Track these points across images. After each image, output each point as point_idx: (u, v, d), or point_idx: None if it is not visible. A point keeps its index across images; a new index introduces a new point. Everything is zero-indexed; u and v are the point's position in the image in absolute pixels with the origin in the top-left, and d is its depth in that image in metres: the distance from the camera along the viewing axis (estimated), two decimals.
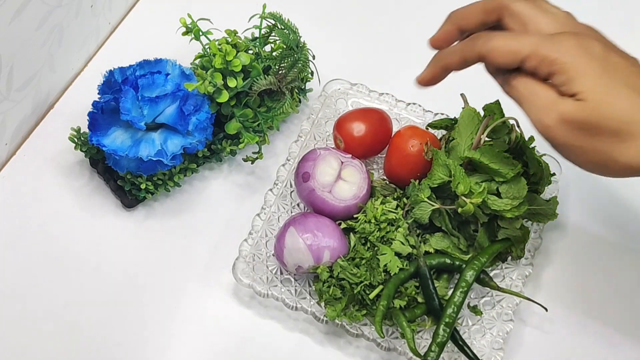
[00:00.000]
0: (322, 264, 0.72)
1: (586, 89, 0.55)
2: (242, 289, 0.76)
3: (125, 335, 0.74)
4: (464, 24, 0.63)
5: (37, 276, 0.76)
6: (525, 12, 0.60)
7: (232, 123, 0.79)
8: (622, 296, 0.77)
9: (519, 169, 0.70)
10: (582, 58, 0.56)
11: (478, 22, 0.63)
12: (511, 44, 0.58)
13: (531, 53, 0.57)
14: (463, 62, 0.61)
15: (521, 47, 0.57)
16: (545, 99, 0.57)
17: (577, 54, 0.56)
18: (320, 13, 0.96)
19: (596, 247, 0.80)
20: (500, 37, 0.59)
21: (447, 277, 0.74)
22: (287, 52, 0.80)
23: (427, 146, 0.74)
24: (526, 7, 0.60)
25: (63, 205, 0.80)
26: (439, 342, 0.68)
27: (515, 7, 0.60)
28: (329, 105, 0.84)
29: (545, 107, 0.56)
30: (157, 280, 0.77)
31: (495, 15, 0.62)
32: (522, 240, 0.74)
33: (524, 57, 0.57)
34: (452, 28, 0.64)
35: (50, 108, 0.87)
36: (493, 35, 0.59)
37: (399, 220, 0.73)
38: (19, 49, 0.76)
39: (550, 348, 0.74)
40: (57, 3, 0.79)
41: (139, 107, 0.75)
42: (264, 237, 0.76)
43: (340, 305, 0.71)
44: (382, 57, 0.92)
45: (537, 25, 0.59)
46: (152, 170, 0.76)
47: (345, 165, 0.76)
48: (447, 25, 0.64)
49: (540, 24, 0.59)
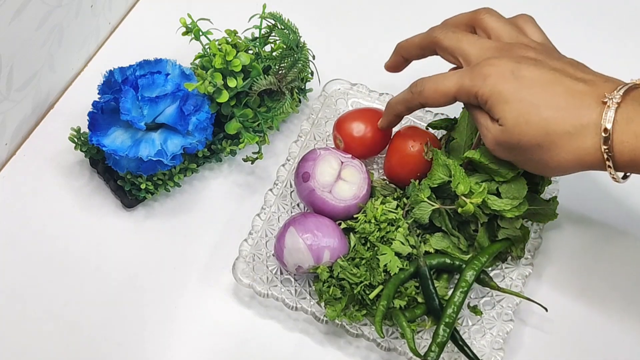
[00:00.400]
0: (322, 264, 0.72)
1: (504, 115, 0.61)
2: (242, 289, 0.76)
3: (125, 335, 0.74)
4: (405, 55, 0.74)
5: (37, 276, 0.76)
6: (453, 46, 0.67)
7: (232, 123, 0.79)
8: (622, 296, 0.77)
9: (519, 169, 0.70)
10: (497, 85, 0.62)
11: (416, 55, 0.73)
12: (439, 87, 0.66)
13: (456, 91, 0.65)
14: (409, 109, 0.71)
15: (447, 88, 0.65)
16: (483, 126, 0.64)
17: (493, 82, 0.62)
18: (320, 13, 0.96)
19: (596, 247, 0.80)
20: (429, 83, 0.67)
21: (447, 277, 0.74)
22: (287, 52, 0.80)
23: (427, 146, 0.74)
24: (454, 41, 0.67)
25: (63, 205, 0.80)
26: (439, 342, 0.68)
27: (444, 43, 0.68)
28: (329, 105, 0.84)
29: (484, 133, 0.65)
30: (157, 280, 0.77)
31: (430, 50, 0.71)
32: (522, 240, 0.74)
33: (453, 96, 0.65)
34: (398, 58, 0.75)
35: (50, 108, 0.87)
36: (425, 82, 0.67)
37: (399, 220, 0.73)
38: (19, 49, 0.76)
39: (550, 348, 0.74)
40: (57, 3, 0.79)
41: (139, 107, 0.75)
42: (264, 237, 0.76)
43: (340, 305, 0.71)
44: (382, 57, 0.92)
45: (466, 58, 0.66)
46: (152, 170, 0.76)
47: (345, 165, 0.76)
48: (394, 56, 0.75)
49: (469, 55, 0.66)
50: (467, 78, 0.64)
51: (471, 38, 0.67)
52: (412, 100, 0.69)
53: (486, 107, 0.63)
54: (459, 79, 0.64)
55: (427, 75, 0.68)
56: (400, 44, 0.74)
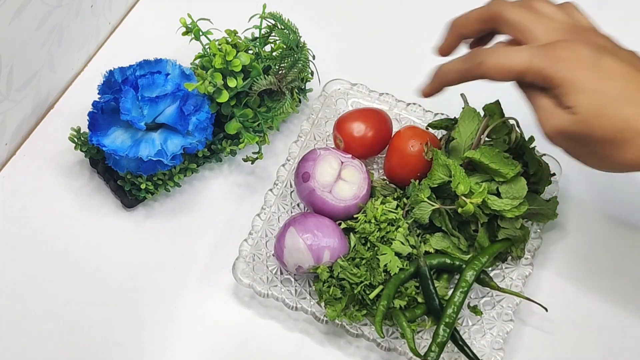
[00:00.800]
0: (322, 264, 0.72)
1: (578, 104, 0.57)
2: (242, 289, 0.76)
3: (125, 335, 0.74)
4: (463, 32, 0.66)
5: (37, 276, 0.76)
6: (518, 20, 0.62)
7: (232, 123, 0.79)
8: (623, 296, 0.77)
9: (519, 169, 0.70)
10: (574, 71, 0.57)
11: (476, 30, 0.65)
12: (505, 62, 0.60)
13: (526, 70, 0.59)
14: (461, 80, 0.64)
15: (515, 64, 0.59)
16: (545, 110, 0.59)
17: (569, 67, 0.57)
18: (320, 13, 0.96)
19: (596, 247, 0.80)
20: (493, 56, 0.61)
21: (447, 277, 0.74)
22: (287, 52, 0.80)
23: (427, 146, 0.74)
24: (519, 15, 0.62)
25: (63, 205, 0.80)
26: (439, 342, 0.68)
27: (508, 15, 0.62)
28: (329, 105, 0.84)
29: (545, 118, 0.59)
30: (157, 280, 0.77)
31: (490, 24, 0.64)
32: (522, 240, 0.74)
33: (520, 74, 0.59)
34: (454, 37, 0.67)
35: (50, 108, 0.87)
36: (487, 54, 0.61)
37: (399, 220, 0.73)
38: (19, 49, 0.76)
39: (550, 348, 0.74)
40: (57, 3, 0.79)
41: (139, 107, 0.75)
42: (264, 237, 0.76)
43: (340, 305, 0.71)
44: (382, 57, 0.92)
45: (531, 34, 0.61)
46: (152, 170, 0.76)
47: (345, 165, 0.76)
48: (450, 35, 0.67)
49: (534, 32, 0.61)
50: (539, 57, 0.59)
51: (538, 15, 0.62)
52: (468, 71, 0.62)
53: (556, 92, 0.58)
54: (529, 56, 0.59)
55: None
56: (455, 20, 0.67)
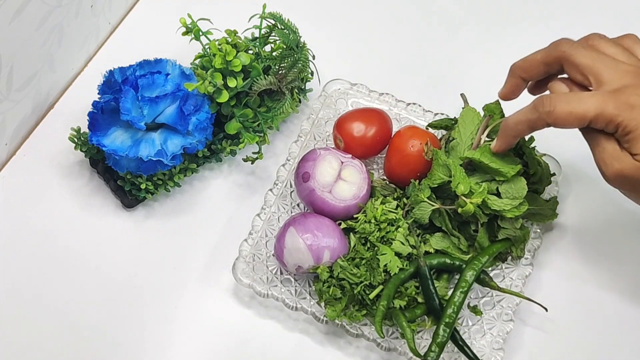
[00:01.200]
0: (322, 264, 0.72)
1: None
2: (242, 289, 0.76)
3: (125, 335, 0.74)
4: (526, 76, 0.66)
5: (37, 276, 0.76)
6: (585, 64, 0.61)
7: (232, 123, 0.79)
8: (622, 296, 0.77)
9: (519, 169, 0.70)
10: None
11: (540, 74, 0.65)
12: (575, 110, 0.60)
13: (596, 117, 0.59)
14: (531, 131, 0.64)
15: (585, 112, 0.59)
16: (609, 153, 0.60)
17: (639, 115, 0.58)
18: (320, 13, 0.96)
19: (596, 247, 0.80)
20: (563, 104, 0.60)
21: (447, 277, 0.74)
22: (287, 52, 0.80)
23: (427, 146, 0.74)
24: (586, 58, 0.61)
25: (63, 205, 0.80)
26: (439, 342, 0.68)
27: (575, 59, 0.62)
28: (329, 105, 0.84)
29: (608, 161, 0.60)
30: (157, 280, 0.77)
31: (556, 67, 0.64)
32: (522, 240, 0.74)
33: (590, 121, 0.59)
34: (517, 81, 0.67)
35: (50, 108, 0.87)
36: (557, 102, 0.60)
37: (399, 220, 0.73)
38: (19, 49, 0.76)
39: (550, 348, 0.74)
40: (57, 3, 0.79)
41: (139, 107, 0.75)
42: (264, 237, 0.76)
43: (340, 305, 0.71)
44: (382, 57, 0.92)
45: (599, 78, 0.61)
46: (152, 170, 0.76)
47: (345, 165, 0.76)
48: (511, 79, 0.67)
49: (603, 76, 0.61)
50: (610, 104, 0.59)
51: (606, 57, 0.62)
52: (538, 121, 0.62)
53: (625, 138, 0.59)
54: (600, 104, 0.59)
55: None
56: (517, 64, 0.67)
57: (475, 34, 0.93)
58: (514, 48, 0.70)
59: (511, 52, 0.70)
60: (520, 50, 0.68)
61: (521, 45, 0.72)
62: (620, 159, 0.59)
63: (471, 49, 0.92)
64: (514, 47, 0.72)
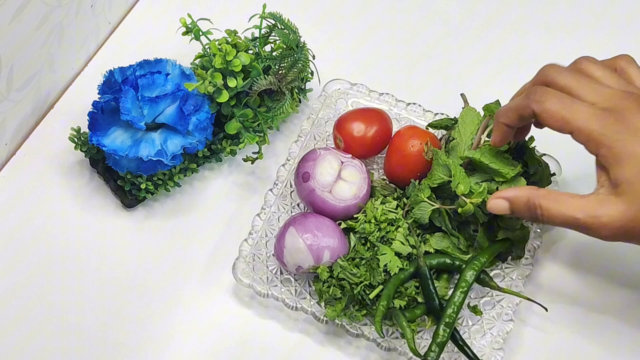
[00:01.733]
0: (322, 264, 0.72)
1: (624, 180, 0.57)
2: (242, 289, 0.76)
3: (125, 335, 0.74)
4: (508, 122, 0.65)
5: (37, 276, 0.76)
6: (569, 87, 0.61)
7: (232, 123, 0.79)
8: (623, 296, 0.77)
9: (519, 169, 0.70)
10: (627, 146, 0.57)
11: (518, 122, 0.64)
12: (564, 113, 0.59)
13: (581, 130, 0.59)
14: (520, 118, 0.63)
15: (573, 119, 0.59)
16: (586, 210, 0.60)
17: (621, 140, 0.57)
18: (320, 13, 0.96)
19: (596, 246, 0.80)
20: (555, 101, 0.60)
21: (447, 277, 0.74)
22: (287, 52, 0.80)
23: (427, 146, 0.74)
24: (569, 81, 0.61)
25: (63, 205, 0.80)
26: (439, 342, 0.68)
27: (557, 80, 0.62)
28: (329, 105, 0.84)
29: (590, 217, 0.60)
30: (157, 280, 0.77)
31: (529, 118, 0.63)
32: (522, 240, 0.74)
33: (573, 130, 0.59)
34: (502, 127, 0.66)
35: (50, 108, 0.87)
36: (549, 96, 0.60)
37: (399, 220, 0.73)
38: (19, 49, 0.76)
39: (550, 348, 0.74)
40: (57, 3, 0.79)
41: (139, 107, 0.75)
42: (264, 237, 0.76)
43: (340, 305, 0.71)
44: (382, 57, 0.92)
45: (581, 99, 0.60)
46: (152, 170, 0.76)
47: (345, 165, 0.76)
48: (496, 125, 0.67)
49: (584, 98, 0.60)
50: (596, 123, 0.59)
51: (590, 81, 0.61)
52: (526, 107, 0.62)
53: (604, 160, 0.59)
54: (588, 117, 0.59)
55: None
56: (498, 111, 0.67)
57: (475, 34, 0.93)
58: (514, 48, 0.70)
59: (511, 52, 0.70)
60: (520, 50, 0.68)
61: (521, 45, 0.72)
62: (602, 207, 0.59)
63: (471, 49, 0.92)
64: (514, 48, 0.72)
